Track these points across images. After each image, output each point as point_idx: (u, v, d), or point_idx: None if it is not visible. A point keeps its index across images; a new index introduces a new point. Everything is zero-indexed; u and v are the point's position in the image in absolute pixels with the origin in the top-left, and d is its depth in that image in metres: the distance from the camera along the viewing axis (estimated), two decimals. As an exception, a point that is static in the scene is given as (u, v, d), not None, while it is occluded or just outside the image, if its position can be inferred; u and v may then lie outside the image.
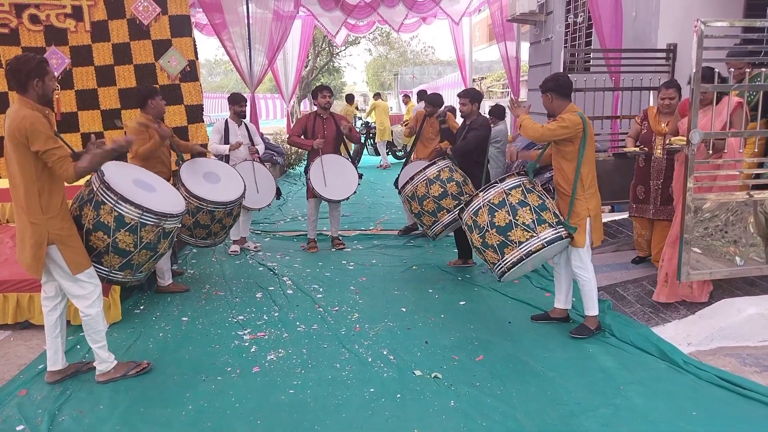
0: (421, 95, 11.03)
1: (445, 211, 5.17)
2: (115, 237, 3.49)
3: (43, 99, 3.23)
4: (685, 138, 4.16)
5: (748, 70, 4.58)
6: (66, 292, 3.44)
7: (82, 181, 3.46)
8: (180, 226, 3.89)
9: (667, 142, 4.67)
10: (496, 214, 3.95)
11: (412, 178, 5.32)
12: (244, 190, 5.31)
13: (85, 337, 3.53)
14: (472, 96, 5.56)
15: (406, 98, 16.19)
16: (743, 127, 4.13)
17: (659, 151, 4.98)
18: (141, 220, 3.56)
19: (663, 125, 4.93)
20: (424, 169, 5.29)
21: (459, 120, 6.02)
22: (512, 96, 4.75)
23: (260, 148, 6.32)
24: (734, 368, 3.55)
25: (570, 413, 3.14)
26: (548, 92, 3.98)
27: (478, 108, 5.59)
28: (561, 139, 3.92)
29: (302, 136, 6.22)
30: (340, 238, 6.74)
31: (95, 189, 3.51)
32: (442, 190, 5.16)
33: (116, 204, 3.49)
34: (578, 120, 3.84)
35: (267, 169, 6.32)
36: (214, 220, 5.09)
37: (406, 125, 9.59)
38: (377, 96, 15.70)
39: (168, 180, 5.00)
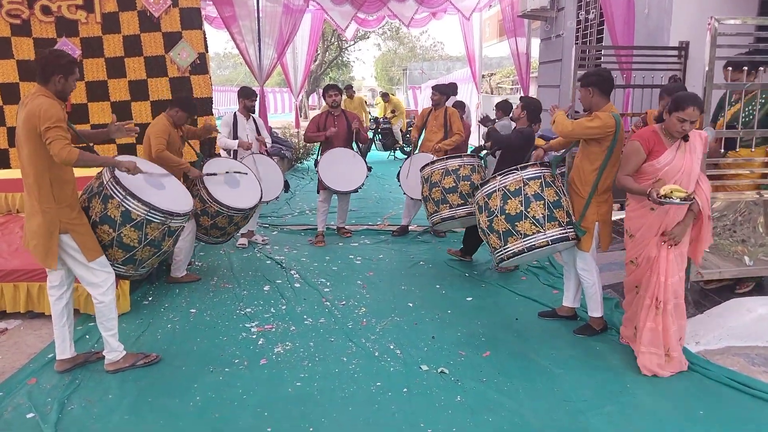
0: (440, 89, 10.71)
1: (447, 205, 5.19)
2: (120, 231, 3.52)
3: (60, 95, 3.28)
4: (684, 189, 3.25)
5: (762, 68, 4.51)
6: (80, 281, 3.48)
7: (92, 172, 3.46)
8: (184, 226, 3.92)
9: (661, 193, 3.22)
10: (508, 201, 3.92)
11: (433, 163, 5.36)
12: (261, 195, 5.49)
13: (96, 326, 3.56)
14: (529, 106, 5.15)
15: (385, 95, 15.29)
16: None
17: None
18: (147, 217, 3.58)
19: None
20: (449, 158, 5.31)
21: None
22: (553, 105, 4.32)
23: (267, 141, 6.39)
24: (742, 368, 3.54)
25: (577, 410, 3.14)
26: (590, 86, 3.80)
27: (531, 120, 5.14)
28: (590, 138, 3.80)
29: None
30: (346, 227, 6.99)
31: (105, 182, 3.53)
32: (454, 185, 5.17)
33: (124, 199, 3.51)
34: (611, 121, 3.69)
35: (275, 162, 6.35)
36: (231, 223, 5.28)
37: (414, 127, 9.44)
38: (349, 89, 13.48)
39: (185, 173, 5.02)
